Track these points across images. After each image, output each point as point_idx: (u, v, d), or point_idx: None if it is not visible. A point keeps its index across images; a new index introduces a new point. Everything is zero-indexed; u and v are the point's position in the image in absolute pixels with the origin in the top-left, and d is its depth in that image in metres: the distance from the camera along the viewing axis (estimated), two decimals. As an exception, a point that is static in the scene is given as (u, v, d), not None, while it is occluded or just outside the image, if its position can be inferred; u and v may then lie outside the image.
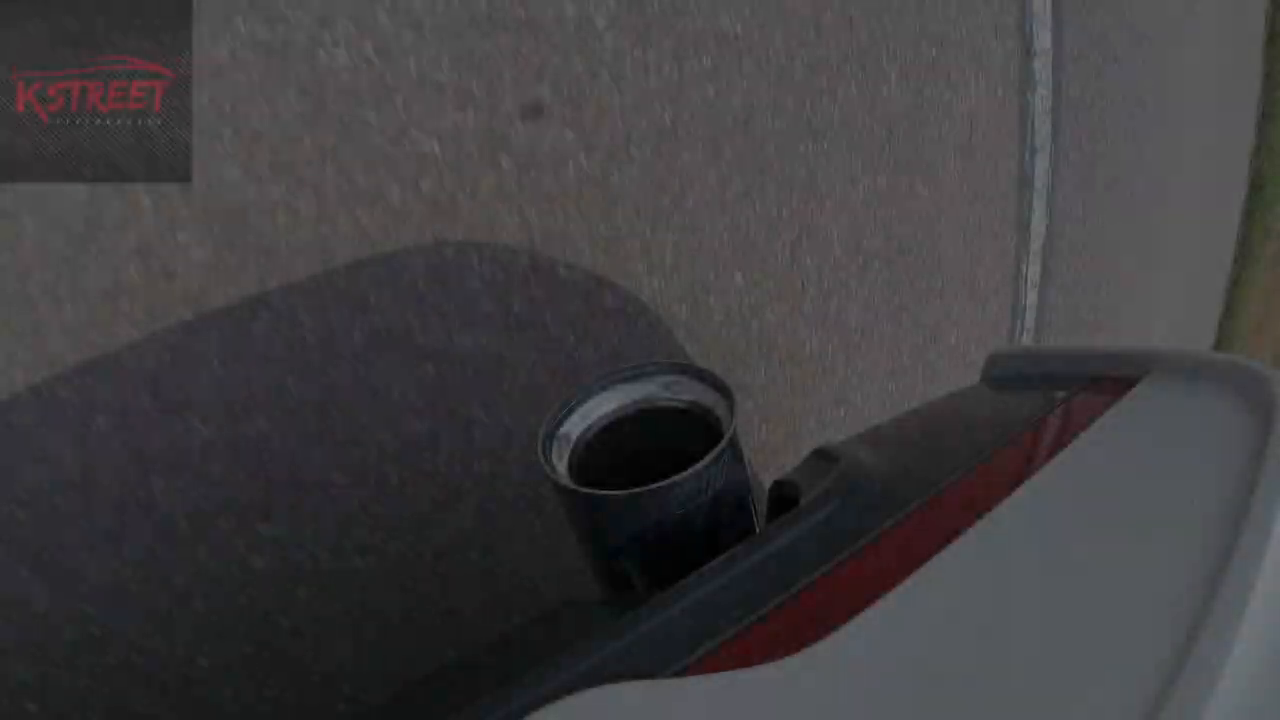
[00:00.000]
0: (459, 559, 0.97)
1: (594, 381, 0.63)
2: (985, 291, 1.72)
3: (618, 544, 0.58)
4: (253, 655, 0.86)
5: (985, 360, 0.81)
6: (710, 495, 0.56)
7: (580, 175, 0.97)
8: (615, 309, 1.04)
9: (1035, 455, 0.53)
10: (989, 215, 1.66)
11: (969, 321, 1.69)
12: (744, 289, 1.19)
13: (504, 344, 0.95)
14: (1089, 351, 0.71)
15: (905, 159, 1.39)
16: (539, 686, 0.40)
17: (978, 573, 0.43)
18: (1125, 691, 0.32)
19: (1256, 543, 0.36)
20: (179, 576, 0.80)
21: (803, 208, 1.23)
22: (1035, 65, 1.65)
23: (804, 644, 0.38)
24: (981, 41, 1.51)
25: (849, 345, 1.40)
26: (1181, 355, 0.61)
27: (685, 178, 1.06)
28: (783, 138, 1.17)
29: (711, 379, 0.62)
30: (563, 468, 0.59)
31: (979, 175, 1.59)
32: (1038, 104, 1.68)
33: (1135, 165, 2.22)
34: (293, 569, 0.86)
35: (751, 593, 0.45)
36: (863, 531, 0.48)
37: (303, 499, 0.85)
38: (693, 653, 0.41)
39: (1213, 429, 0.51)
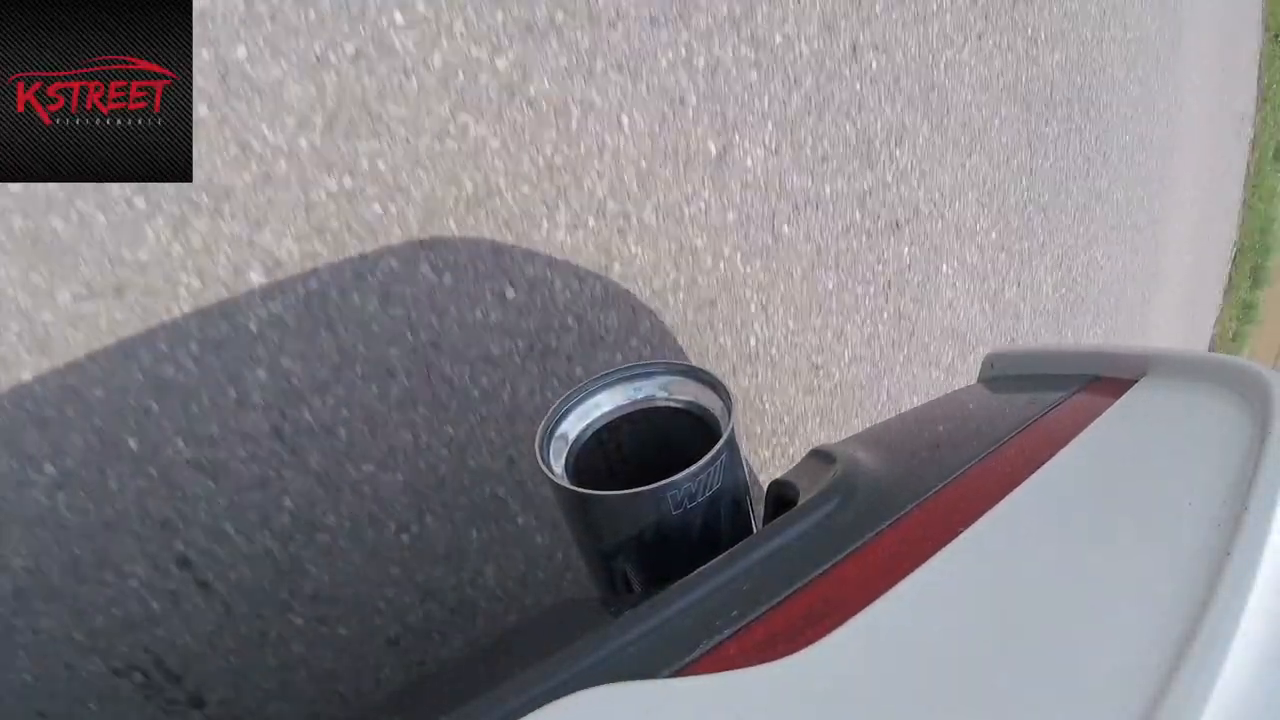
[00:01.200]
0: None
1: (592, 381, 0.63)
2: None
3: (615, 544, 0.58)
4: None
5: (983, 360, 0.81)
6: (708, 495, 0.56)
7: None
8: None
9: (1033, 456, 0.53)
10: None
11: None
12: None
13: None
14: (1086, 352, 0.71)
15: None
16: (536, 686, 0.40)
17: (976, 573, 0.43)
18: (1124, 691, 0.32)
19: (1254, 543, 0.36)
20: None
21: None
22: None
23: (802, 644, 0.38)
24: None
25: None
26: (1179, 356, 0.61)
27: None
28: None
29: (709, 379, 0.62)
30: (560, 468, 0.59)
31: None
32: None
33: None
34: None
35: (749, 593, 0.45)
36: (861, 532, 0.48)
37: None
38: (690, 653, 0.41)
39: (1211, 429, 0.51)
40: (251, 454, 0.79)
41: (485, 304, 0.92)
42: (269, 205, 0.78)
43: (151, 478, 0.75)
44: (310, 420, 0.83)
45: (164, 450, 0.75)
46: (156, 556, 0.76)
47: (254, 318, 0.78)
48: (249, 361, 0.78)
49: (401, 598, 0.93)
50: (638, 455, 0.65)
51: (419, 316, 0.88)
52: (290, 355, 0.80)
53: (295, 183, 0.79)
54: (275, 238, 0.78)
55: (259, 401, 0.80)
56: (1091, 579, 0.41)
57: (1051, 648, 0.37)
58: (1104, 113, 2.10)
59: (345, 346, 0.83)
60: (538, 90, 0.92)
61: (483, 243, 0.91)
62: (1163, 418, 0.57)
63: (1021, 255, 1.85)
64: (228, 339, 0.77)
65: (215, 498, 0.79)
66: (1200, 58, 2.95)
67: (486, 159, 0.90)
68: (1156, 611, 0.36)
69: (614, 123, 0.99)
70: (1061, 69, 1.85)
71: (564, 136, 0.95)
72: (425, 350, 0.89)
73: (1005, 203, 1.75)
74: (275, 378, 0.80)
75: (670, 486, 0.54)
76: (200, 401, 0.76)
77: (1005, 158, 1.71)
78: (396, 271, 0.85)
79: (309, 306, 0.81)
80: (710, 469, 0.55)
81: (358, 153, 0.81)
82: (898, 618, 0.40)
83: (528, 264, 0.95)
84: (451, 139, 0.87)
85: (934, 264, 1.57)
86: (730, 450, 0.57)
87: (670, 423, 0.64)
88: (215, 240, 0.76)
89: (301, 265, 0.80)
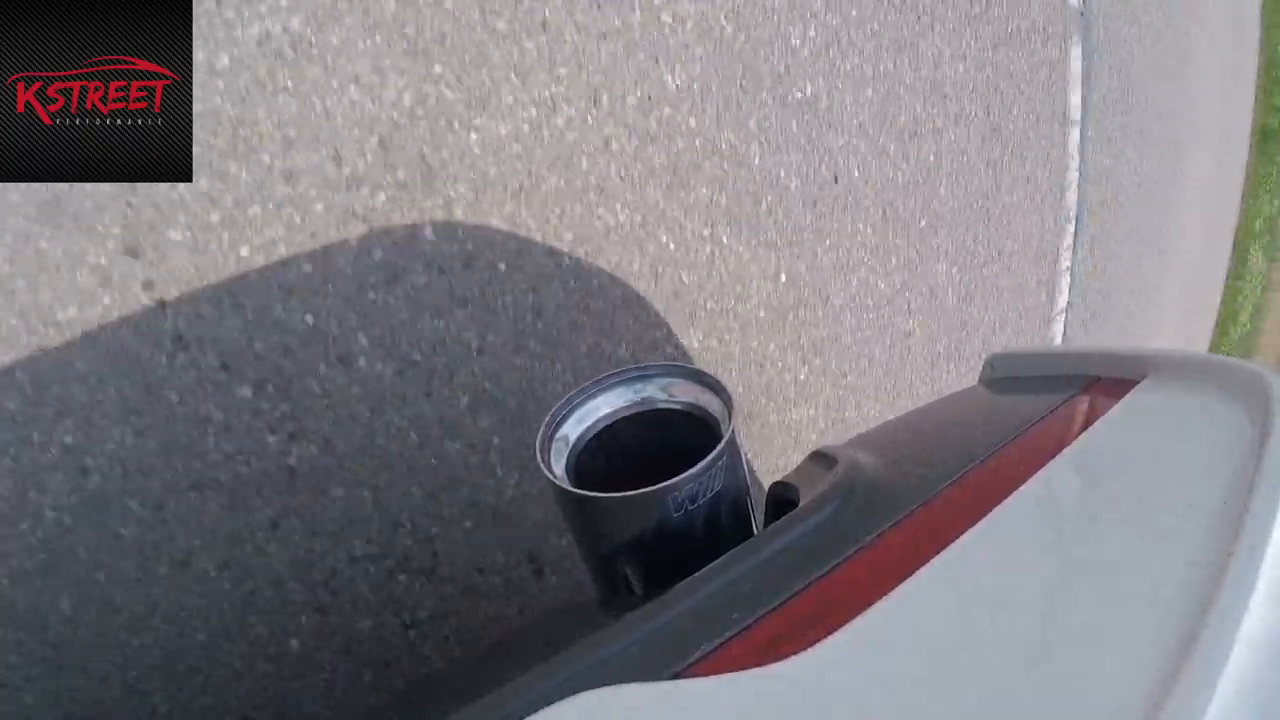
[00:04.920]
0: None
1: (592, 383, 0.63)
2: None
3: (616, 546, 0.58)
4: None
5: (984, 362, 0.81)
6: (709, 497, 0.56)
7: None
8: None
9: (1034, 457, 0.52)
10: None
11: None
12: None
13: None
14: (1087, 353, 0.71)
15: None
16: (537, 688, 0.39)
17: (977, 575, 0.43)
18: (1126, 692, 0.32)
19: (1256, 545, 0.36)
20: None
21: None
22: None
23: (803, 646, 0.38)
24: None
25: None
26: (1180, 357, 0.61)
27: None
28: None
29: (710, 381, 0.62)
30: (561, 470, 0.59)
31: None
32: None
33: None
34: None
35: (750, 595, 0.45)
36: (861, 534, 0.48)
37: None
38: (691, 655, 0.41)
39: (1212, 430, 0.51)
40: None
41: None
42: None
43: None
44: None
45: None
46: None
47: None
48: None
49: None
50: (639, 457, 0.65)
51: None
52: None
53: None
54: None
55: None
56: (1092, 581, 0.41)
57: (1052, 649, 0.37)
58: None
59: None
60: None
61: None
62: (1164, 419, 0.56)
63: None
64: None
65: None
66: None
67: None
68: (1158, 614, 0.36)
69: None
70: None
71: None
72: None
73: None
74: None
75: (671, 488, 0.54)
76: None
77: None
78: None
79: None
80: (711, 471, 0.55)
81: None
82: (899, 620, 0.40)
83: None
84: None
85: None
86: (731, 452, 0.57)
87: (671, 425, 0.64)
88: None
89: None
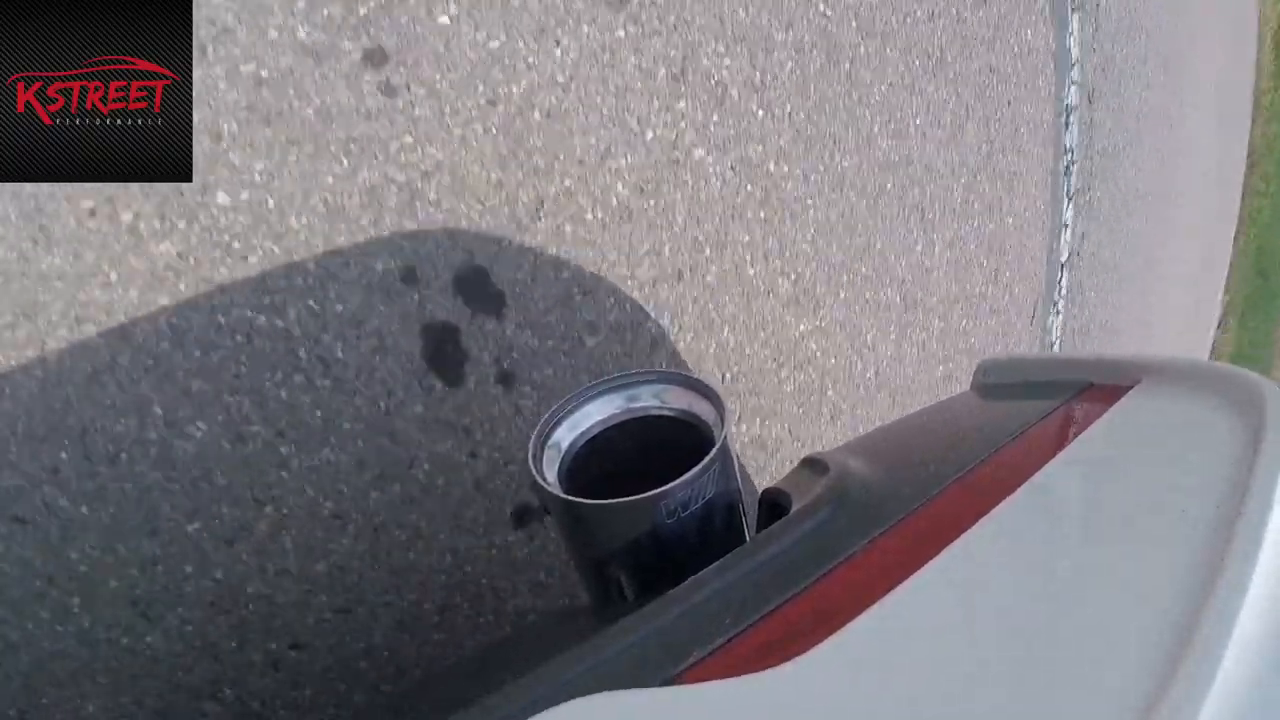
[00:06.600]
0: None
1: (584, 390, 0.63)
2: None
3: (608, 553, 0.58)
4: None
5: (976, 368, 0.81)
6: (701, 504, 0.56)
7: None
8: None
9: (1027, 463, 0.52)
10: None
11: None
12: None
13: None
14: (1080, 360, 0.71)
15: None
16: (528, 694, 0.39)
17: (970, 579, 0.43)
18: (1120, 695, 0.32)
19: (1249, 549, 0.36)
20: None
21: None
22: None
23: (796, 652, 0.38)
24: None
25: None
26: (1173, 363, 0.61)
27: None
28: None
29: (702, 387, 0.62)
30: (553, 477, 0.59)
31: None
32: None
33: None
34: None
35: (742, 601, 0.45)
36: (853, 540, 0.48)
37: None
38: (683, 661, 0.41)
39: (1204, 436, 0.51)
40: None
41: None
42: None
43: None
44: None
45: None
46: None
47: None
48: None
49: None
50: (631, 464, 0.65)
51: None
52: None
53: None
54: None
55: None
56: (1085, 585, 0.41)
57: (1045, 653, 0.37)
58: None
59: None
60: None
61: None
62: (1157, 425, 0.57)
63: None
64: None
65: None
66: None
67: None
68: (1152, 617, 0.36)
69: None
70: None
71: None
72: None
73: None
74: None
75: (663, 495, 0.53)
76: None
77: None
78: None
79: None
80: (703, 477, 0.55)
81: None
82: (891, 625, 0.40)
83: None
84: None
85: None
86: (723, 459, 0.57)
87: (663, 431, 0.64)
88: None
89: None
